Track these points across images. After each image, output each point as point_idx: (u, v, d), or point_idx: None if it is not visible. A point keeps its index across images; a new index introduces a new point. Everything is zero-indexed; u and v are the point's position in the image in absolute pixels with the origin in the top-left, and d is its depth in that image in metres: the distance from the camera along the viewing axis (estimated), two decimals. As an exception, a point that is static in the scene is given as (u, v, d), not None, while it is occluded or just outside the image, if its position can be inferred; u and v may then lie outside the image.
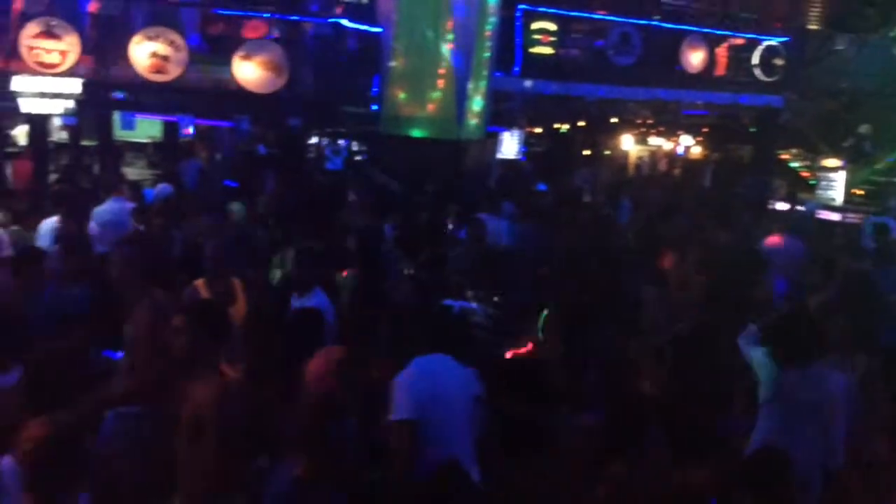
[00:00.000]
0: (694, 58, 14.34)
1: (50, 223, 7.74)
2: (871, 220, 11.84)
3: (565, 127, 19.71)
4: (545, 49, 13.35)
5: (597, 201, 13.63)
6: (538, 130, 19.74)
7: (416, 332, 4.45)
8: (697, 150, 21.19)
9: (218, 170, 14.23)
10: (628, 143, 21.10)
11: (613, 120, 19.33)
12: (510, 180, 14.60)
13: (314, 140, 17.80)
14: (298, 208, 9.79)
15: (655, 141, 21.72)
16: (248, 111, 12.62)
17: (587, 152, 20.64)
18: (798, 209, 13.19)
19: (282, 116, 13.06)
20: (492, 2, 11.33)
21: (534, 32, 13.24)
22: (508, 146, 15.49)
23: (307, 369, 4.16)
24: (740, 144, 19.70)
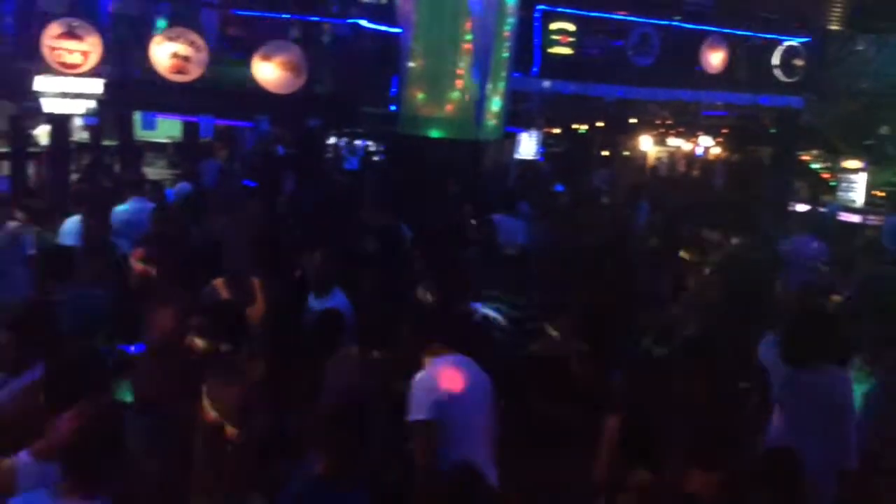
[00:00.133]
0: (714, 58, 14.26)
1: (73, 222, 7.72)
2: (893, 221, 11.78)
3: (583, 127, 19.71)
4: (564, 49, 13.32)
5: (615, 202, 13.60)
6: (556, 131, 19.75)
7: (436, 333, 4.43)
8: (716, 151, 21.13)
9: (237, 169, 14.31)
10: (647, 144, 21.05)
11: (632, 120, 19.30)
12: (528, 181, 14.60)
13: (332, 140, 17.87)
14: (317, 208, 9.81)
15: (674, 142, 21.67)
16: (268, 111, 12.66)
17: (605, 153, 20.62)
18: (819, 210, 13.10)
19: (301, 117, 13.09)
20: (510, 2, 11.31)
21: (552, 33, 13.21)
22: (526, 147, 15.49)
23: (327, 369, 4.18)
24: (760, 146, 19.58)
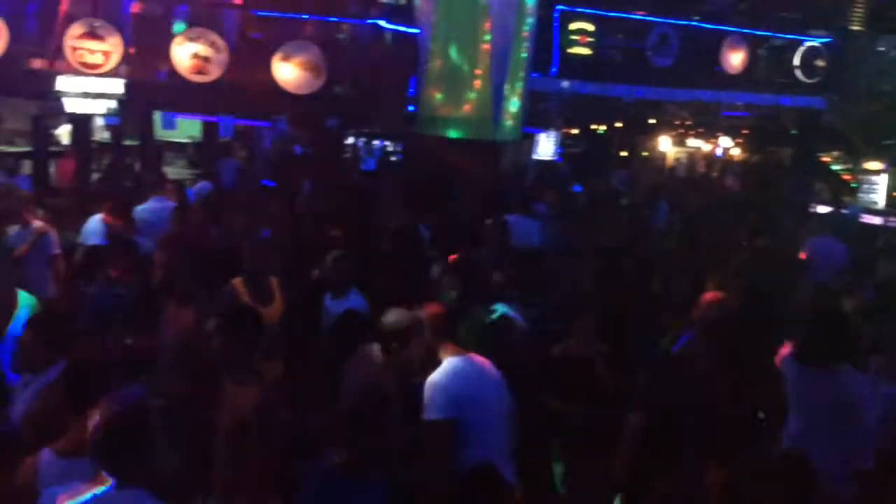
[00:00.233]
0: (734, 58, 14.17)
1: (96, 221, 7.74)
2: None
3: (602, 128, 19.63)
4: (583, 49, 13.28)
5: (634, 203, 13.55)
6: (574, 131, 19.69)
7: (454, 333, 4.43)
8: (737, 152, 21.00)
9: (256, 169, 14.38)
10: (666, 145, 20.95)
11: (651, 121, 19.21)
12: (546, 181, 14.57)
13: (350, 140, 17.90)
14: (335, 208, 9.83)
15: (694, 142, 21.56)
16: (287, 112, 12.70)
17: (624, 154, 20.54)
18: (841, 212, 13.00)
19: (320, 117, 13.13)
20: (529, 2, 11.28)
21: (571, 33, 13.17)
22: (544, 147, 15.45)
23: (346, 370, 4.19)
24: (780, 146, 19.44)
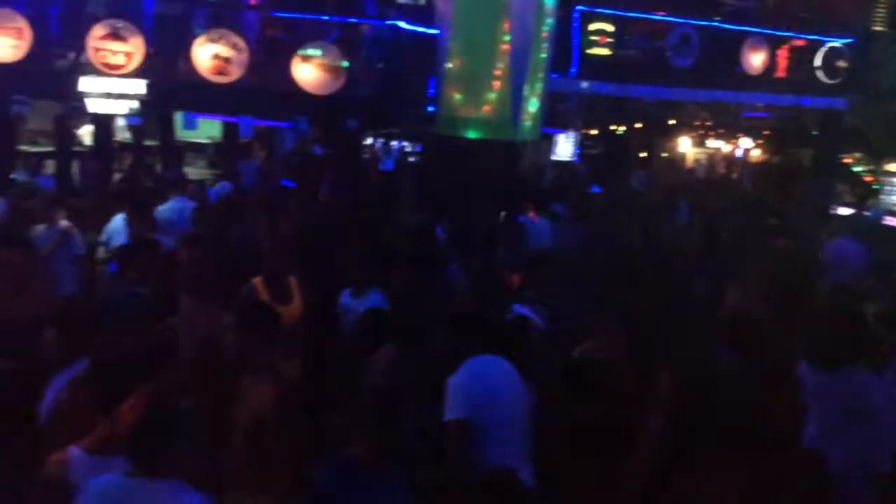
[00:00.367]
0: (755, 59, 14.09)
1: (119, 221, 7.76)
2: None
3: (621, 129, 19.56)
4: (602, 50, 13.26)
5: (653, 204, 13.50)
6: (594, 132, 19.62)
7: (472, 334, 4.44)
8: (757, 153, 20.88)
9: (276, 170, 14.44)
10: (686, 146, 20.86)
11: (671, 122, 19.12)
12: (564, 182, 14.54)
13: (368, 141, 17.92)
14: (354, 209, 9.87)
15: (713, 143, 21.45)
16: (307, 112, 12.76)
17: (643, 154, 20.46)
18: (864, 214, 12.89)
19: (339, 118, 13.18)
20: (549, 3, 11.25)
21: (591, 33, 13.16)
22: (563, 148, 15.42)
23: (365, 368, 4.21)
24: (801, 147, 19.31)
